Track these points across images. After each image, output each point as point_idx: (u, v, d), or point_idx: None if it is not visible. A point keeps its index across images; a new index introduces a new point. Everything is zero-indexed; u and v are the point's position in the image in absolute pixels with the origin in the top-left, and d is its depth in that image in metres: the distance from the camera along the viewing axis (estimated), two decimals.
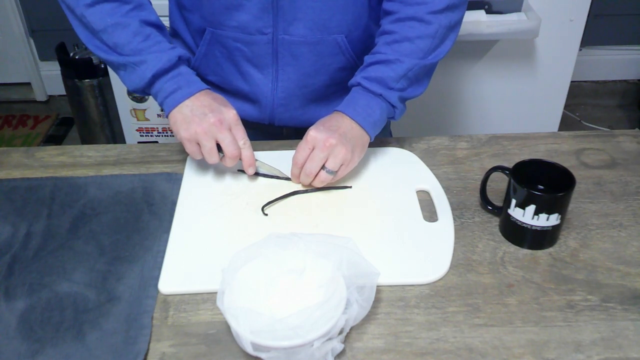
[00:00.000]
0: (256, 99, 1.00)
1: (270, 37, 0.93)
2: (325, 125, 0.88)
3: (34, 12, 2.58)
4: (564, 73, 1.82)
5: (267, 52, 0.95)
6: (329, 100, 1.02)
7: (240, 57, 0.96)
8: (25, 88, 2.77)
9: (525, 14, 1.64)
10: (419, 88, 0.93)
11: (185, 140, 0.87)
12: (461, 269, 0.76)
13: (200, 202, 0.87)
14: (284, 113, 1.02)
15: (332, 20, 0.92)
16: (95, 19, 0.87)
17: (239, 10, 0.91)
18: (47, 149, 1.00)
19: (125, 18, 0.87)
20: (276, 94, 0.99)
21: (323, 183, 0.87)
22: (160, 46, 0.89)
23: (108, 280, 0.75)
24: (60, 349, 0.66)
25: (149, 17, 0.90)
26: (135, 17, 0.88)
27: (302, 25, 0.92)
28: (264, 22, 0.91)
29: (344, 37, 0.94)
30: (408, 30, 0.89)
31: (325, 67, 0.97)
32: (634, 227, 0.83)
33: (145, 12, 0.90)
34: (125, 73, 0.90)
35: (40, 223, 0.84)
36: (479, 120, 1.92)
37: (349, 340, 0.67)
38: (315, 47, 0.94)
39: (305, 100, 1.01)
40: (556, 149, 0.99)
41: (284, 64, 0.96)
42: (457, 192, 0.90)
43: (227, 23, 0.93)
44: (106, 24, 0.87)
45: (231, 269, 0.68)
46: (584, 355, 0.65)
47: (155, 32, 0.90)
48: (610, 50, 2.68)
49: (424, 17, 0.89)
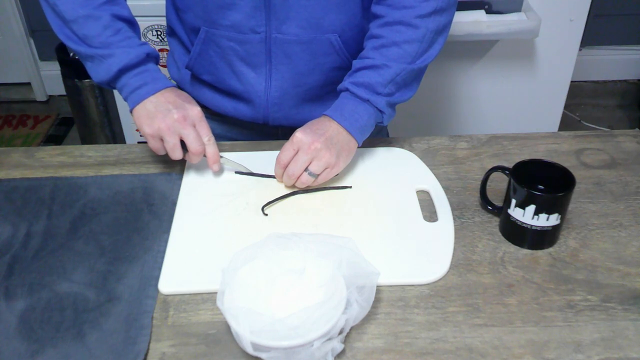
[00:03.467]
0: (250, 98, 1.00)
1: (263, 36, 0.93)
2: (312, 129, 0.88)
3: (34, 12, 2.58)
4: (564, 73, 1.82)
5: (260, 51, 0.95)
6: (323, 100, 1.02)
7: (233, 56, 0.96)
8: (25, 88, 2.78)
9: (525, 14, 1.64)
10: (408, 92, 0.94)
11: (148, 136, 0.87)
12: (461, 269, 0.76)
13: (200, 202, 0.87)
14: (278, 112, 1.02)
15: (325, 20, 0.92)
16: (67, 9, 0.88)
17: (231, 9, 0.91)
18: (47, 149, 1.00)
19: (97, 10, 0.88)
20: (270, 93, 0.99)
21: (304, 185, 0.88)
22: (130, 42, 0.89)
23: (108, 280, 0.75)
24: (60, 349, 0.66)
25: (121, 12, 0.90)
26: (108, 10, 0.89)
27: (294, 24, 0.92)
28: (257, 20, 0.91)
29: (338, 36, 0.94)
30: (395, 34, 0.89)
31: (319, 67, 0.97)
32: (634, 227, 0.83)
33: (118, 6, 0.91)
34: (93, 65, 0.90)
35: (40, 223, 0.84)
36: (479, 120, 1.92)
37: (349, 340, 0.67)
38: (308, 46, 0.94)
39: (299, 99, 1.01)
40: (556, 149, 0.99)
41: (277, 63, 0.96)
42: (457, 192, 0.90)
43: (221, 22, 0.93)
44: (77, 15, 0.87)
45: (231, 269, 0.68)
46: (584, 355, 0.65)
47: (126, 27, 0.90)
48: (610, 50, 2.68)
49: (411, 21, 0.89)
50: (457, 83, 1.82)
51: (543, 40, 1.73)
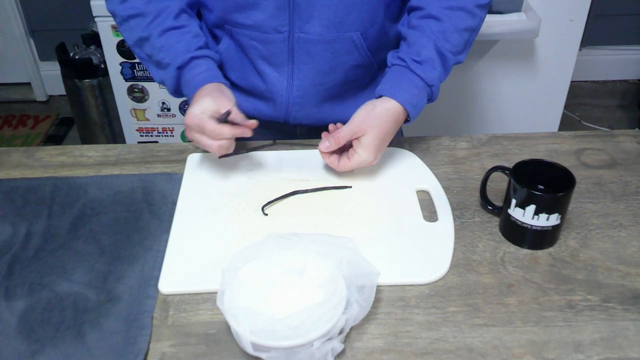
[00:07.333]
0: (271, 97, 1.01)
1: (286, 36, 0.93)
2: (377, 142, 0.87)
3: (34, 12, 2.58)
4: (564, 73, 1.82)
5: (282, 51, 0.95)
6: (344, 98, 1.03)
7: (256, 56, 0.97)
8: (25, 88, 2.77)
9: (525, 14, 1.64)
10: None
11: None
12: (461, 269, 0.76)
13: (200, 202, 0.87)
14: (299, 111, 1.02)
15: (348, 18, 0.92)
16: (126, 36, 0.96)
17: (254, 8, 0.91)
18: (47, 149, 1.00)
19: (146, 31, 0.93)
20: (291, 92, 0.99)
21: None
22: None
23: (108, 280, 0.75)
24: (60, 349, 0.66)
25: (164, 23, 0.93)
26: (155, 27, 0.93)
27: (318, 24, 0.92)
28: (280, 20, 0.92)
29: (360, 34, 0.94)
30: (458, 20, 0.91)
31: (340, 65, 0.97)
32: (634, 227, 0.83)
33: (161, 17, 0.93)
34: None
35: (40, 223, 0.84)
36: (479, 120, 1.92)
37: (349, 340, 0.67)
38: (331, 45, 0.94)
39: (320, 98, 1.01)
40: (556, 149, 0.99)
41: (299, 62, 0.96)
42: (457, 192, 0.90)
43: (243, 22, 0.93)
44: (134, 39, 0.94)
45: (231, 269, 0.68)
46: (584, 355, 0.65)
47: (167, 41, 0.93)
48: (610, 50, 2.68)
49: (472, 9, 0.91)
50: (457, 83, 1.82)
51: (543, 40, 1.73)
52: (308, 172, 0.92)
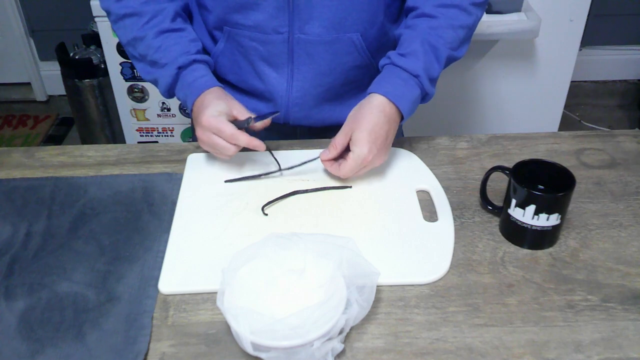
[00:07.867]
0: (271, 98, 1.01)
1: (286, 37, 0.93)
2: (372, 137, 0.86)
3: (34, 12, 2.58)
4: (564, 73, 1.82)
5: (282, 51, 0.95)
6: (344, 99, 1.02)
7: (255, 56, 0.97)
8: (25, 88, 2.78)
9: (525, 14, 1.64)
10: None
11: None
12: (461, 269, 0.76)
13: (200, 202, 0.87)
14: (299, 112, 1.02)
15: (347, 19, 0.92)
16: (120, 34, 0.96)
17: (254, 9, 0.91)
18: (47, 149, 1.00)
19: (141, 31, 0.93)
20: (291, 93, 0.99)
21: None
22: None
23: (108, 280, 0.75)
24: (60, 349, 0.66)
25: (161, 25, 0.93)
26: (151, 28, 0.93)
27: (318, 24, 0.92)
28: (280, 21, 0.92)
29: (360, 35, 0.94)
30: (452, 18, 0.90)
31: (340, 66, 0.97)
32: (634, 227, 0.83)
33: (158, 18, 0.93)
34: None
35: (40, 223, 0.84)
36: (479, 120, 1.92)
37: (349, 340, 0.67)
38: (330, 46, 0.94)
39: (320, 99, 1.01)
40: (556, 149, 0.99)
41: (299, 63, 0.96)
42: (457, 192, 0.90)
43: (243, 22, 0.94)
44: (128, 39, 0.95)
45: (231, 269, 0.68)
46: (584, 355, 0.65)
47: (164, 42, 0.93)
48: (610, 50, 2.69)
49: (467, 7, 0.91)
50: (457, 83, 1.82)
51: (543, 40, 1.73)
52: (308, 172, 0.92)
